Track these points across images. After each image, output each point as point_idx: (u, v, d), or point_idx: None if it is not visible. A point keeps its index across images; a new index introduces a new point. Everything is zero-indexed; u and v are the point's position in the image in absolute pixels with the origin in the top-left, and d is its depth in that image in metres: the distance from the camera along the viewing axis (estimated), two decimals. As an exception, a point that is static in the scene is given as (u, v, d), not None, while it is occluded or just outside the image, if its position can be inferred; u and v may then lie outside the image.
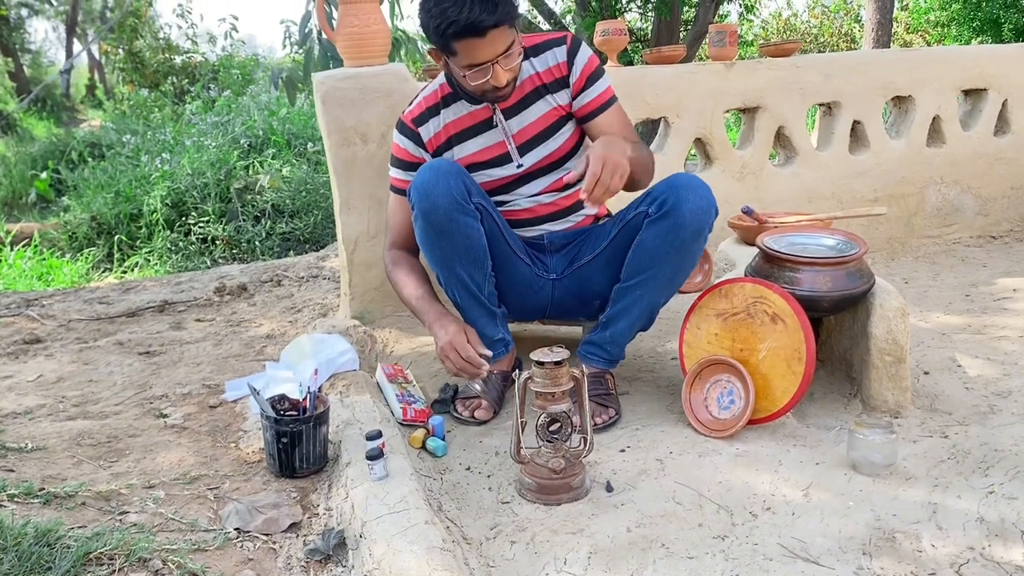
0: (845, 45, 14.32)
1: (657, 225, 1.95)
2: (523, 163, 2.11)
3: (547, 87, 2.09)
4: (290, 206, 6.21)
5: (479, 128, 2.10)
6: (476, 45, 1.85)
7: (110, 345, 2.83)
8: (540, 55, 2.08)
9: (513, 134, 2.10)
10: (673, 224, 1.93)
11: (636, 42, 10.16)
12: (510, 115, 2.09)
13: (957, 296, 2.94)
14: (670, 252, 1.96)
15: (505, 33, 1.86)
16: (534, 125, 2.09)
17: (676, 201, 1.93)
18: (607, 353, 2.10)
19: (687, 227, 1.93)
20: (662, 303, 2.08)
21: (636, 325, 2.09)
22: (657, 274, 1.99)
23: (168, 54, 13.26)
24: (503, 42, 1.87)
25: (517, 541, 1.56)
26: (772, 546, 1.52)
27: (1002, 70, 3.62)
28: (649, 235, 1.97)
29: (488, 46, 1.85)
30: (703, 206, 1.93)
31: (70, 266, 5.76)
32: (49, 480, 1.78)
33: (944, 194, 3.61)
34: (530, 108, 2.08)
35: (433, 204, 1.93)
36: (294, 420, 1.80)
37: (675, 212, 1.92)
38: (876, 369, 2.00)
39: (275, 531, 1.64)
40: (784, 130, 3.35)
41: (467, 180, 1.98)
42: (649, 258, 1.98)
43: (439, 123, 2.12)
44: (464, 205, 1.95)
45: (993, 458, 1.78)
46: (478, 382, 2.15)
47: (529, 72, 2.08)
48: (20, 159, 10.19)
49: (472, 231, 1.97)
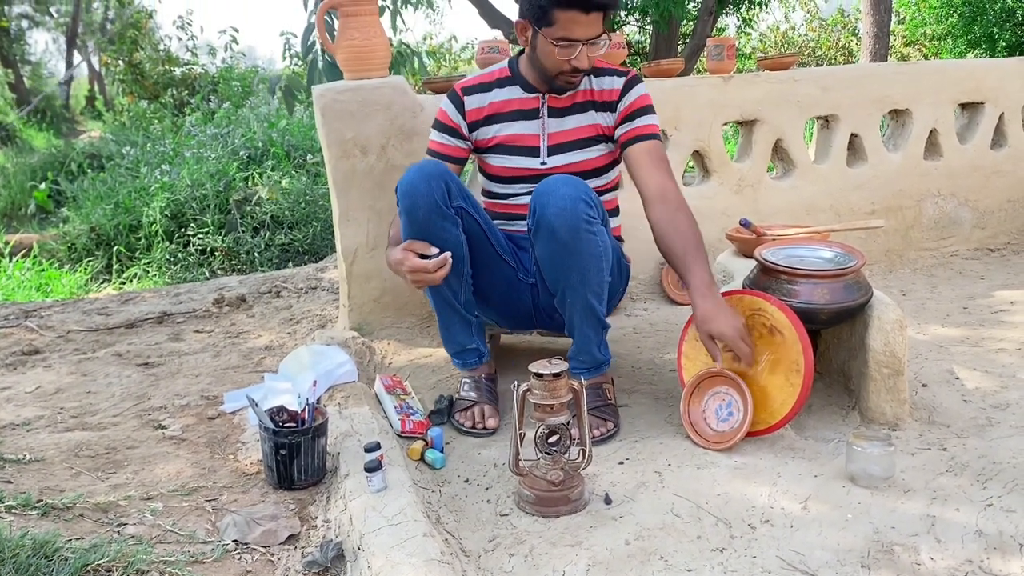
0: (843, 58, 14.38)
1: (537, 237, 1.96)
2: (547, 162, 2.17)
3: (595, 104, 2.17)
4: (289, 217, 6.22)
5: (521, 115, 2.18)
6: (577, 20, 1.96)
7: (109, 356, 2.83)
8: (601, 76, 2.18)
9: (550, 132, 2.17)
10: (547, 232, 1.92)
11: (635, 55, 10.21)
12: (554, 114, 2.17)
13: (955, 308, 2.95)
14: (560, 257, 1.94)
15: (600, 20, 1.99)
16: (571, 132, 2.17)
17: (540, 209, 1.92)
18: (582, 363, 2.10)
19: (559, 229, 1.89)
20: (597, 300, 2.01)
21: (588, 329, 2.05)
22: (568, 280, 1.97)
23: (168, 66, 13.28)
24: (599, 28, 2.00)
25: (515, 553, 1.56)
26: (771, 559, 1.51)
27: (999, 83, 3.64)
28: (537, 248, 1.99)
29: (587, 25, 1.98)
30: (565, 205, 1.89)
31: (69, 277, 5.75)
32: (47, 492, 1.78)
33: (941, 207, 3.62)
34: (574, 116, 2.17)
35: (414, 204, 1.97)
36: (292, 432, 1.80)
37: (543, 220, 1.92)
38: (874, 381, 2.01)
39: (273, 543, 1.64)
40: (782, 143, 3.36)
41: (450, 181, 2.01)
42: (550, 268, 1.99)
43: (485, 99, 2.21)
44: (444, 210, 1.97)
45: (991, 471, 1.78)
46: (472, 388, 2.17)
47: (587, 86, 2.17)
48: (19, 170, 10.19)
49: (449, 236, 2.00)
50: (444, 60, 15.83)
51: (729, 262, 2.55)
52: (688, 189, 3.24)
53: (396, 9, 5.50)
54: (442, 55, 15.88)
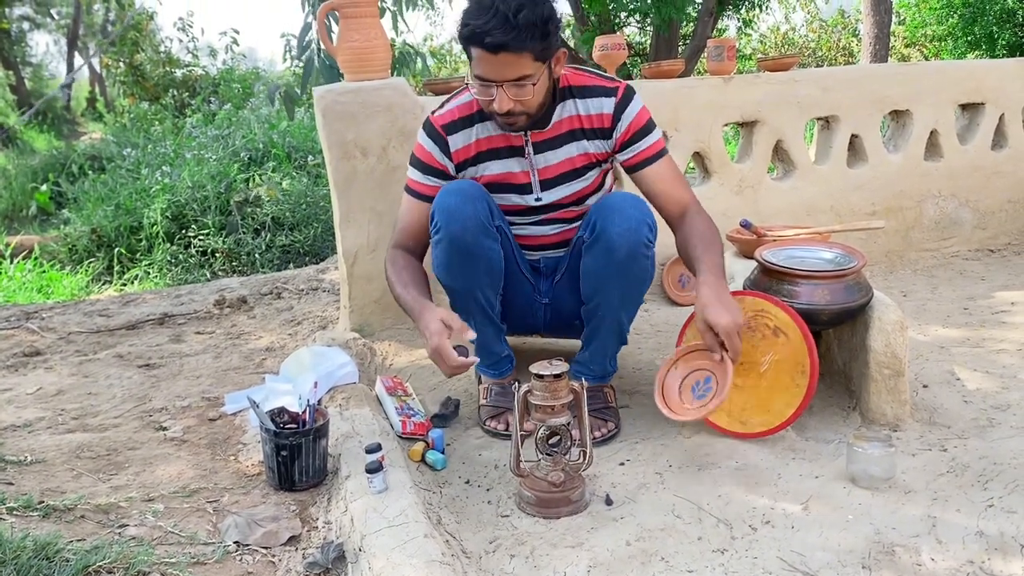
0: (843, 59, 14.38)
1: (591, 251, 1.95)
2: (542, 198, 2.09)
3: (585, 132, 2.04)
4: (290, 219, 6.22)
5: (509, 152, 2.06)
6: (484, 59, 1.82)
7: (110, 358, 2.84)
8: (587, 98, 2.02)
9: (539, 168, 2.06)
10: (604, 248, 1.91)
11: (635, 56, 10.22)
12: (540, 149, 2.04)
13: (955, 309, 2.95)
14: (609, 276, 1.94)
15: (520, 61, 1.81)
16: (560, 165, 2.05)
17: (603, 225, 1.91)
18: (591, 371, 2.10)
19: (618, 250, 1.90)
20: (627, 319, 2.06)
21: (610, 343, 2.08)
22: (607, 297, 1.98)
23: (169, 67, 13.29)
24: (515, 70, 1.82)
25: (516, 555, 1.56)
26: (772, 560, 1.51)
27: (999, 84, 3.64)
28: (587, 261, 1.97)
29: (496, 65, 1.82)
30: (631, 226, 1.89)
31: (70, 279, 5.76)
32: (48, 493, 1.78)
33: (942, 207, 3.62)
34: (562, 147, 2.04)
35: (463, 227, 1.92)
36: (293, 433, 1.80)
37: (603, 236, 1.91)
38: (875, 382, 2.01)
39: (274, 544, 1.64)
40: (782, 144, 3.36)
41: (491, 203, 1.99)
42: (594, 283, 1.97)
43: (471, 136, 2.06)
44: (489, 228, 1.96)
45: (992, 471, 1.78)
46: (500, 395, 2.15)
47: (572, 112, 2.02)
48: (21, 172, 10.20)
49: (494, 254, 1.99)
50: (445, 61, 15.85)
51: (730, 263, 2.55)
52: (689, 190, 3.24)
53: (398, 11, 5.50)
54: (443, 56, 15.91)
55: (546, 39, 1.81)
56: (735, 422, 1.97)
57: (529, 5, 1.77)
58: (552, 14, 1.82)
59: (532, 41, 1.78)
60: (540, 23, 1.78)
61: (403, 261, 2.08)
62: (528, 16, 1.76)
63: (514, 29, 1.76)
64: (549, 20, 1.80)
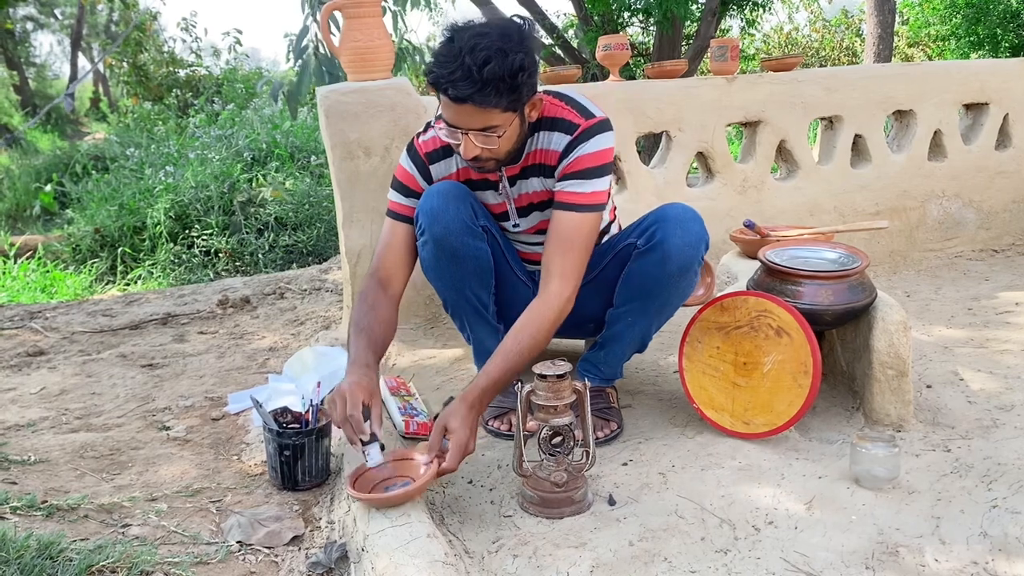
0: (847, 59, 14.35)
1: (644, 259, 1.93)
2: (519, 224, 2.07)
3: (539, 168, 1.94)
4: (293, 219, 6.23)
5: (485, 184, 2.02)
6: (448, 105, 1.72)
7: (113, 357, 2.84)
8: (552, 131, 1.89)
9: (514, 198, 2.02)
10: (660, 258, 1.90)
11: (638, 56, 10.20)
12: (513, 181, 1.99)
13: (959, 310, 2.94)
14: (657, 285, 1.94)
15: (486, 113, 1.71)
16: (531, 196, 1.99)
17: (663, 236, 1.89)
18: (601, 372, 2.11)
19: (673, 262, 1.89)
20: (654, 330, 2.08)
21: (629, 349, 2.10)
22: (646, 305, 1.98)
23: (172, 67, 13.32)
24: (480, 120, 1.72)
25: (519, 555, 1.56)
26: (775, 560, 1.51)
27: (1003, 84, 3.64)
28: (636, 267, 1.95)
29: (460, 114, 1.72)
30: (691, 240, 1.89)
31: (73, 278, 5.77)
32: (52, 493, 1.79)
33: (946, 208, 3.61)
34: (529, 180, 1.97)
35: (445, 229, 1.90)
36: (296, 433, 1.80)
37: (662, 247, 1.89)
38: (878, 383, 2.00)
39: (277, 544, 1.64)
40: (786, 144, 3.36)
41: (474, 203, 1.97)
42: (637, 289, 1.96)
43: (451, 165, 2.00)
44: (473, 228, 1.94)
45: (996, 472, 1.78)
46: (504, 395, 2.05)
47: (536, 146, 1.91)
48: (24, 172, 10.24)
49: (481, 253, 1.97)
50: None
51: (733, 263, 2.55)
52: (692, 191, 3.24)
53: (399, 10, 5.50)
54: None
55: (515, 92, 1.70)
56: (738, 422, 1.97)
57: (498, 57, 1.65)
58: (523, 65, 1.68)
59: (498, 97, 1.68)
60: (508, 76, 1.66)
61: (372, 300, 1.93)
62: (495, 71, 1.64)
63: (478, 83, 1.65)
64: (520, 72, 1.68)
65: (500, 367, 1.77)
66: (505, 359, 1.77)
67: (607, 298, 2.04)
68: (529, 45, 1.72)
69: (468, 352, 2.47)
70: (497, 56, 1.65)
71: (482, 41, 1.66)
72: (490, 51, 1.65)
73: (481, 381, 1.75)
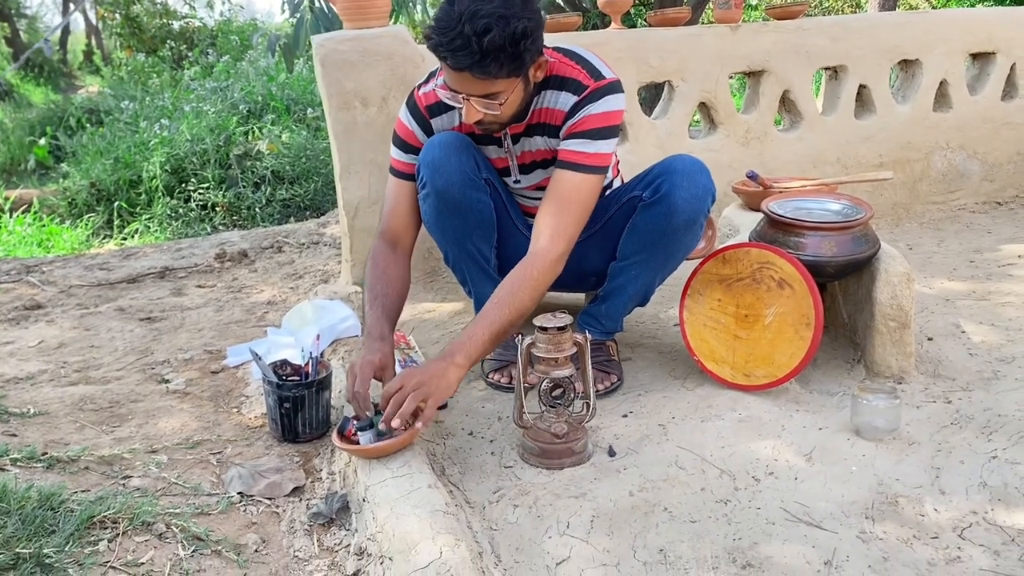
0: (851, 10, 14.12)
1: (650, 211, 1.90)
2: (520, 180, 2.04)
3: (543, 127, 1.90)
4: (290, 172, 6.17)
5: (488, 139, 1.97)
6: (449, 71, 1.68)
7: (111, 311, 2.83)
8: (559, 90, 1.84)
9: (516, 155, 1.99)
10: (665, 211, 1.88)
11: (640, 5, 10.03)
12: (515, 140, 1.95)
13: (962, 262, 2.93)
14: (662, 238, 1.92)
15: (486, 82, 1.67)
16: (534, 154, 1.97)
17: (669, 188, 1.87)
18: (602, 326, 2.09)
19: (679, 214, 1.87)
20: (657, 283, 2.07)
21: (631, 302, 2.08)
22: (650, 258, 1.96)
23: (166, 19, 13.11)
24: (481, 88, 1.68)
25: (520, 505, 1.57)
26: (775, 510, 1.52)
27: (1011, 33, 3.57)
28: (642, 220, 1.93)
29: (460, 81, 1.68)
30: (697, 194, 1.87)
31: (70, 232, 5.74)
32: (52, 445, 1.79)
33: (950, 159, 3.57)
34: (533, 138, 1.93)
35: (448, 181, 1.87)
36: (296, 385, 1.79)
37: (667, 199, 1.87)
38: (880, 334, 2.00)
39: (278, 495, 1.65)
40: (789, 94, 3.31)
41: (476, 154, 1.94)
42: (642, 242, 1.94)
43: (454, 118, 1.94)
44: (476, 180, 1.91)
45: (996, 423, 1.78)
46: (504, 347, 2.04)
47: (542, 105, 1.87)
48: (18, 125, 10.11)
49: (483, 206, 1.94)
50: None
51: (735, 215, 2.53)
52: (694, 142, 3.20)
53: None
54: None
55: (517, 59, 1.64)
56: (739, 374, 1.96)
57: (499, 25, 1.58)
58: (526, 31, 1.61)
59: (498, 67, 1.63)
60: (510, 45, 1.60)
61: (383, 263, 1.93)
62: (495, 39, 1.58)
63: (477, 54, 1.59)
64: (522, 39, 1.61)
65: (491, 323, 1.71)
66: (501, 312, 1.71)
67: (610, 251, 2.02)
68: (533, 6, 1.67)
69: (468, 305, 2.46)
70: (498, 24, 1.59)
71: (484, 7, 1.60)
72: (491, 18, 1.59)
73: (466, 342, 1.69)
